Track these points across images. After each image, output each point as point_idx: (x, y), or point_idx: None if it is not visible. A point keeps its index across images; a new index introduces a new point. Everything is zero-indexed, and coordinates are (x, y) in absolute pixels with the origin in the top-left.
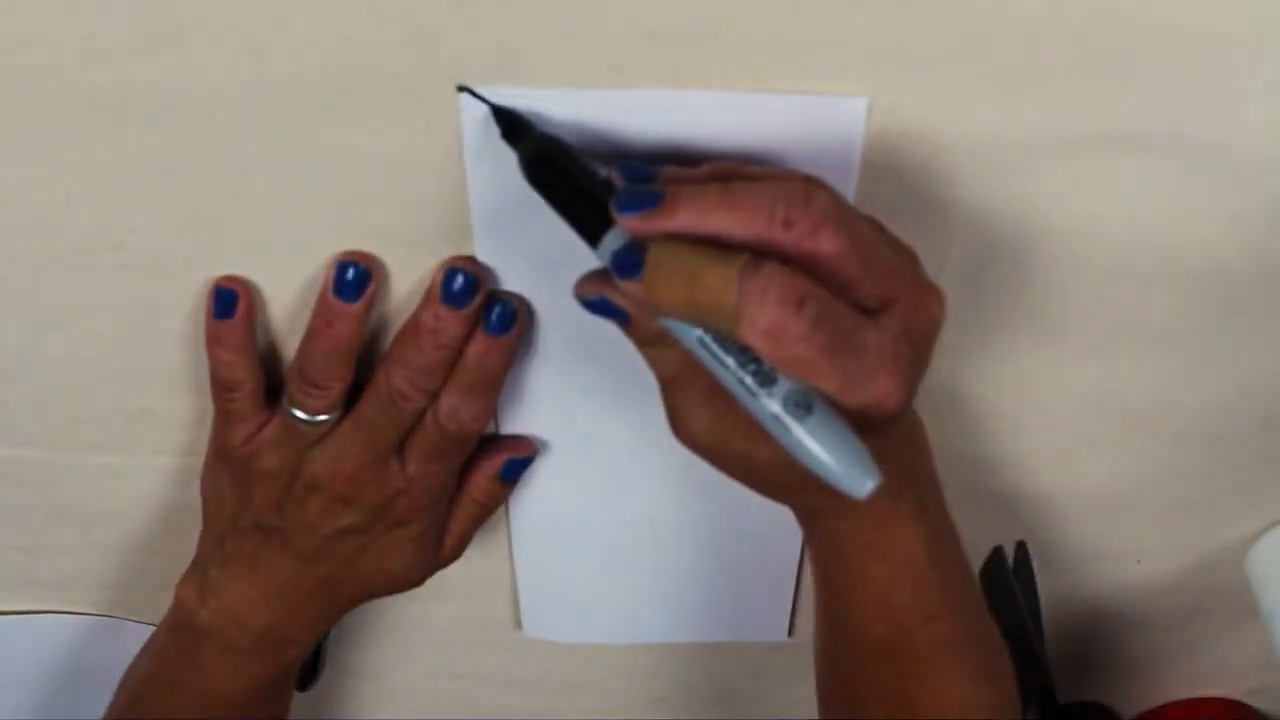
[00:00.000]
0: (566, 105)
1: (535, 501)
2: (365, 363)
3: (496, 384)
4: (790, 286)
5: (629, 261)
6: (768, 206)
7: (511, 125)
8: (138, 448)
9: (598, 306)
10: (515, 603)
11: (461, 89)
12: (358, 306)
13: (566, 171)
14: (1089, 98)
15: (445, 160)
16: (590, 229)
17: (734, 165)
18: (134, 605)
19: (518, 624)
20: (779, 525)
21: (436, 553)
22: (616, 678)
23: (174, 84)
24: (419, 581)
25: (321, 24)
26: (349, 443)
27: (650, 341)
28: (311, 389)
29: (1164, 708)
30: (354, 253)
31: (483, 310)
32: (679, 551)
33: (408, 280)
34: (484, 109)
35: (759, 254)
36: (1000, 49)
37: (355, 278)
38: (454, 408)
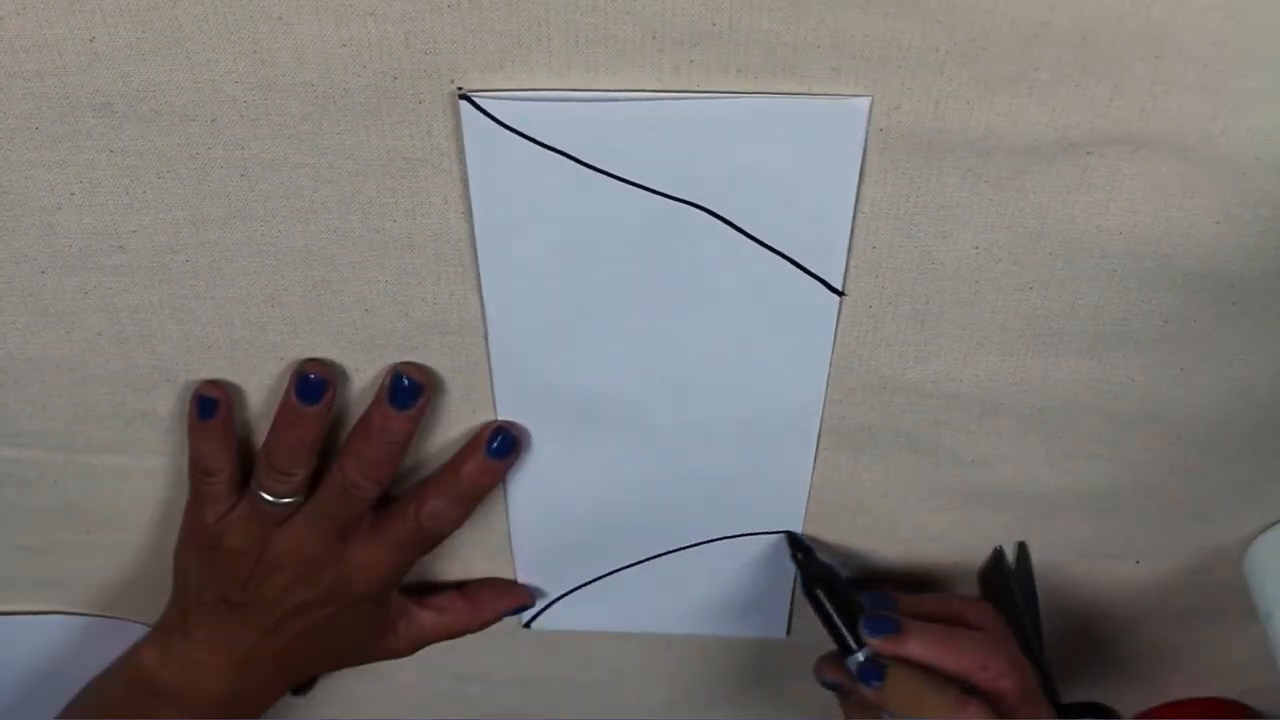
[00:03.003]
0: (566, 108)
1: (535, 496)
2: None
3: (481, 498)
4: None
5: (872, 672)
6: (977, 654)
7: (799, 547)
8: (139, 448)
9: (834, 686)
10: None
11: (462, 96)
12: (318, 408)
13: (835, 592)
14: (1089, 98)
15: (446, 162)
16: (843, 640)
17: (944, 602)
18: (135, 606)
19: (519, 619)
20: (778, 524)
21: (390, 638)
22: (617, 678)
23: (175, 85)
24: (370, 660)
25: (323, 26)
26: (308, 526)
27: (858, 712)
28: (277, 475)
29: (1163, 707)
30: (315, 362)
31: (488, 436)
32: (676, 545)
33: (406, 285)
34: (486, 110)
35: (965, 689)
36: (1000, 49)
37: (316, 384)
38: (437, 510)
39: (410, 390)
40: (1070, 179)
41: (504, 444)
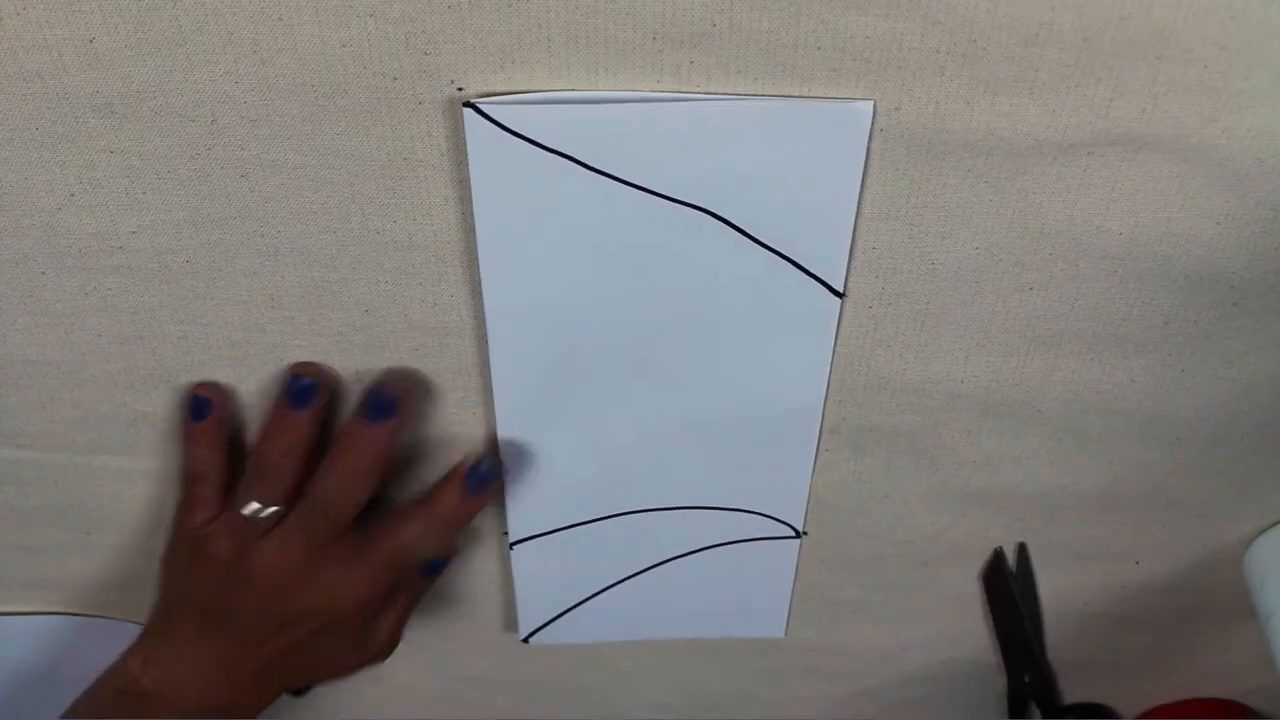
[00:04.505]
0: (569, 111)
1: (534, 499)
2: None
3: (463, 527)
4: None
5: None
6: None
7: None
8: (139, 449)
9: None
10: (513, 606)
11: (466, 104)
12: (308, 414)
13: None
14: (1089, 98)
15: (447, 163)
16: None
17: None
18: (134, 606)
19: (516, 629)
20: (777, 525)
21: (370, 647)
22: (616, 681)
23: (175, 86)
24: (353, 672)
25: (323, 27)
26: (286, 541)
27: None
28: (264, 484)
29: (1163, 707)
30: (306, 366)
31: (466, 470)
32: (676, 550)
33: (406, 286)
34: (490, 115)
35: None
36: (1000, 50)
37: (306, 388)
38: (417, 539)
39: (387, 403)
40: (1070, 179)
41: (482, 478)
